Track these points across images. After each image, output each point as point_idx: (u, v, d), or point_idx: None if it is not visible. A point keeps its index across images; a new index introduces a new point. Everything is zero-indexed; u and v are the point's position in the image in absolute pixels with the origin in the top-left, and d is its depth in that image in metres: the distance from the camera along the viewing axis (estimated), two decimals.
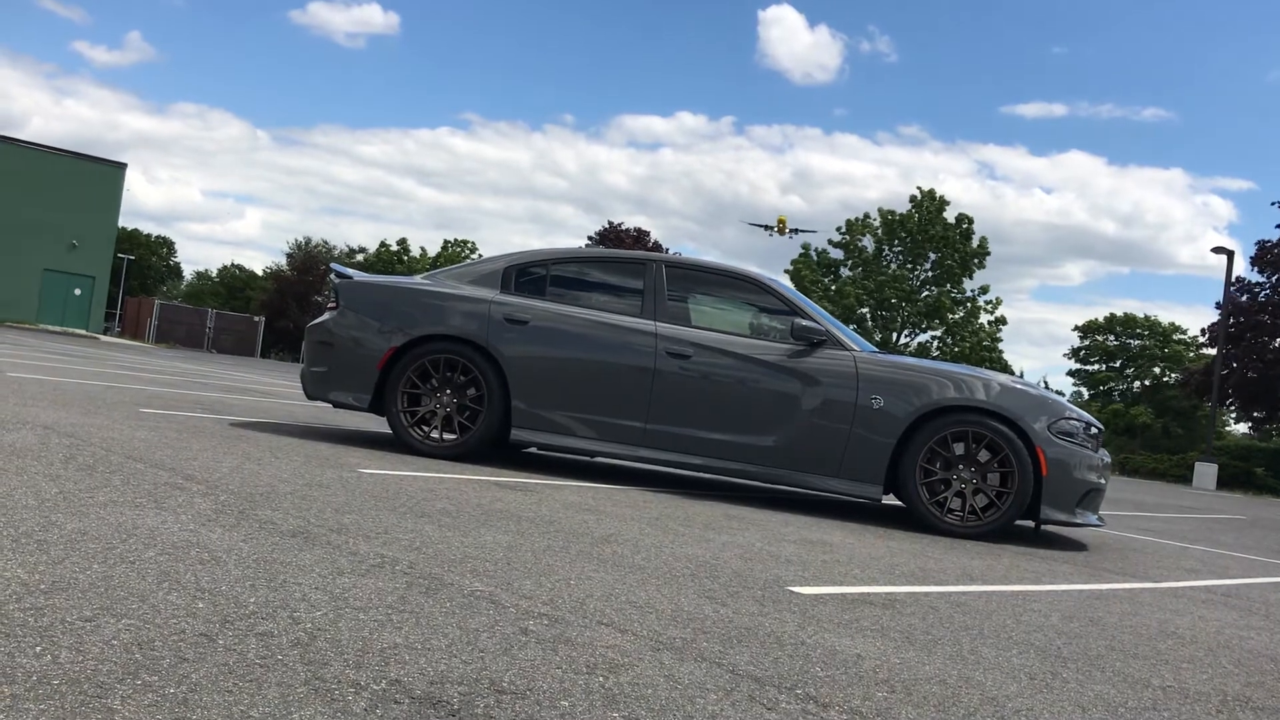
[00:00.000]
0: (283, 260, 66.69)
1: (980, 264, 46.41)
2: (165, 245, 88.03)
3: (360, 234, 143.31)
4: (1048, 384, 62.06)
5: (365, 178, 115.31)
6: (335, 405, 6.38)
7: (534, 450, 7.30)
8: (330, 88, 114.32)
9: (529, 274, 6.41)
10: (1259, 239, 38.39)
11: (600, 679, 2.06)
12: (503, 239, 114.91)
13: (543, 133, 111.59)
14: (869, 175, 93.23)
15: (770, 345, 5.98)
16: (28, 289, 40.97)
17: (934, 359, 28.54)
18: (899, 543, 4.96)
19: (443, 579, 2.75)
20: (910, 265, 47.08)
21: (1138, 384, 62.70)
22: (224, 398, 9.54)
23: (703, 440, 5.89)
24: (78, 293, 42.66)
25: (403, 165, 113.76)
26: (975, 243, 46.28)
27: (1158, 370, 61.54)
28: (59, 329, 37.98)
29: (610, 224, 56.50)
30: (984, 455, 5.60)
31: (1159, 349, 61.34)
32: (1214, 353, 35.68)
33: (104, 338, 38.96)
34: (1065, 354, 67.77)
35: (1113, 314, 63.79)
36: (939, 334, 46.65)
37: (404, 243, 68.21)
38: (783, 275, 47.69)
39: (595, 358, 6.06)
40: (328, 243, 67.32)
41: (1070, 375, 65.20)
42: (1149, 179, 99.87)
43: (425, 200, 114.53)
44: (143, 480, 3.73)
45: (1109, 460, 6.05)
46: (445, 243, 68.68)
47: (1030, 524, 6.18)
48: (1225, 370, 35.41)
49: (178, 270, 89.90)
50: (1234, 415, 46.27)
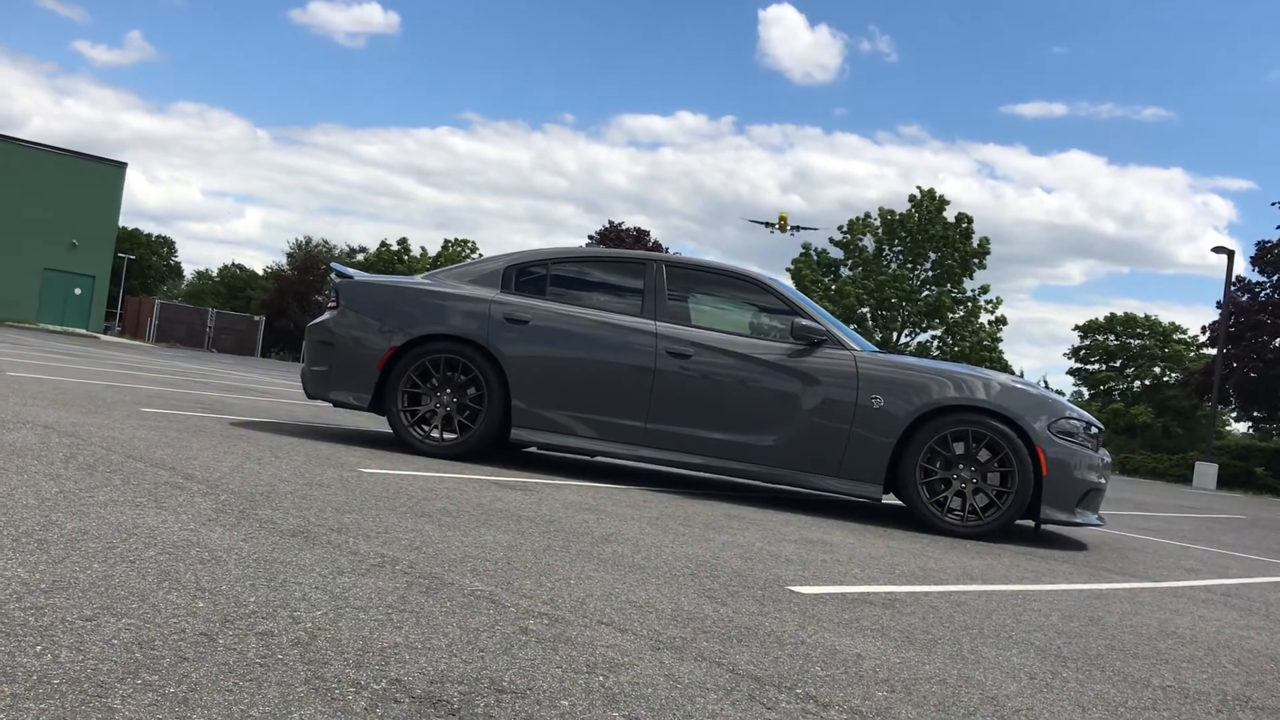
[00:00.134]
0: (283, 260, 66.77)
1: (980, 264, 46.40)
2: (165, 245, 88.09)
3: (360, 233, 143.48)
4: (1048, 383, 62.09)
5: (365, 177, 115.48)
6: (335, 405, 6.38)
7: (534, 450, 7.30)
8: (330, 87, 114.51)
9: (529, 274, 6.41)
10: (1259, 239, 38.49)
11: (600, 678, 2.06)
12: (503, 239, 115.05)
13: (543, 132, 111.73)
14: (869, 175, 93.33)
15: (770, 345, 5.98)
16: (28, 288, 41.00)
17: (934, 359, 28.56)
18: (899, 542, 4.96)
19: (443, 578, 2.75)
20: (910, 265, 47.07)
21: (1138, 384, 62.72)
22: (224, 397, 9.54)
23: (703, 440, 5.89)
24: (78, 292, 42.68)
25: (403, 165, 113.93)
26: (975, 242, 46.27)
27: (1158, 370, 61.56)
28: (59, 328, 37.99)
29: (610, 224, 56.55)
30: (984, 455, 5.60)
31: (1159, 349, 61.35)
32: (1214, 352, 35.69)
33: (104, 337, 38.96)
34: (1065, 353, 67.87)
35: (1113, 314, 63.87)
36: (939, 334, 46.65)
37: (404, 242, 68.27)
38: (783, 275, 47.71)
39: (596, 357, 6.06)
40: (328, 242, 67.37)
41: (1070, 375, 65.31)
42: (1149, 179, 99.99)
43: (425, 200, 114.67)
44: (143, 480, 3.73)
45: (1109, 460, 6.05)
46: (445, 242, 68.70)
47: (1030, 523, 6.18)
48: (1225, 370, 35.41)
49: (178, 270, 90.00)
50: (1234, 415, 46.28)
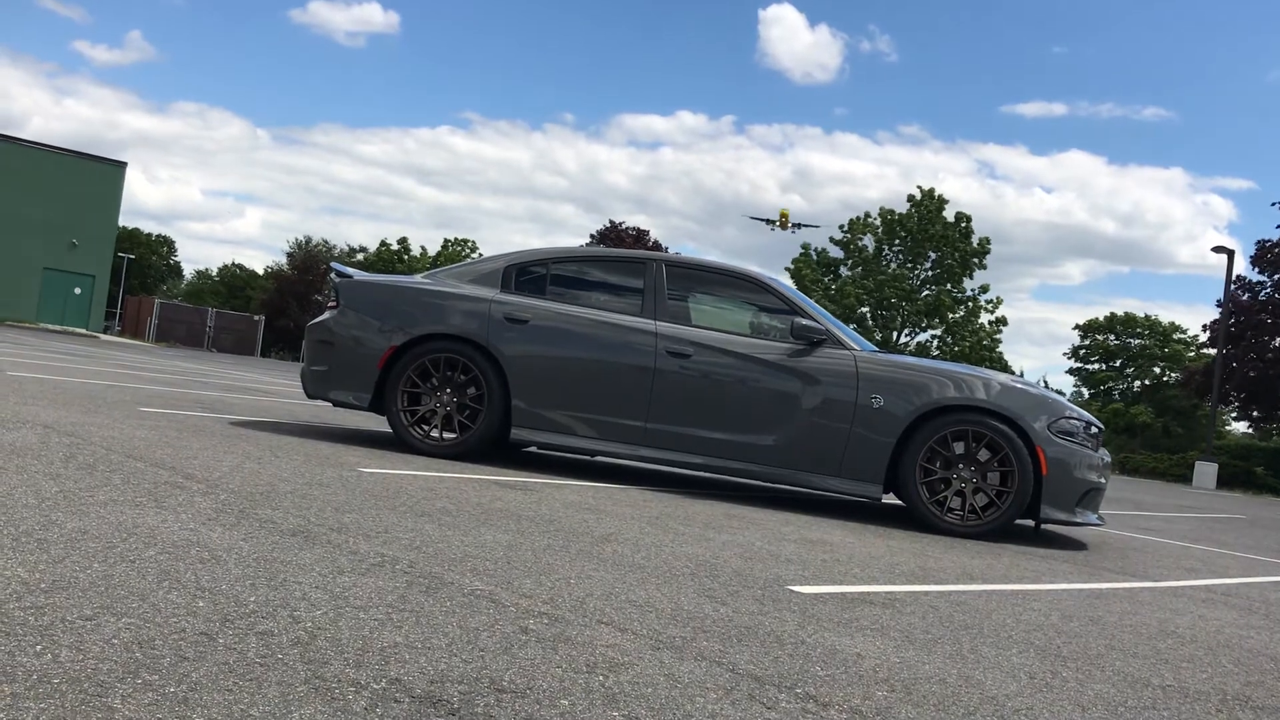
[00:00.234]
0: (283, 259, 66.80)
1: (980, 263, 46.38)
2: (165, 244, 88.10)
3: (360, 233, 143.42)
4: (1048, 383, 62.10)
5: (365, 177, 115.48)
6: (335, 404, 6.38)
7: (534, 449, 7.30)
8: (330, 87, 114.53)
9: (529, 273, 6.41)
10: (1259, 238, 38.44)
11: (600, 678, 2.06)
12: (503, 238, 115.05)
13: (543, 132, 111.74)
14: (869, 175, 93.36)
15: (770, 344, 5.98)
16: (28, 288, 40.99)
17: (934, 358, 28.55)
18: (899, 542, 4.96)
19: (443, 578, 2.75)
20: (910, 265, 47.05)
21: (1138, 383, 62.71)
22: (224, 397, 9.54)
23: (703, 439, 5.89)
24: (78, 292, 42.67)
25: (403, 164, 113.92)
26: (975, 242, 46.24)
27: (1158, 370, 61.56)
28: (59, 328, 37.98)
29: (610, 223, 56.57)
30: (984, 454, 5.60)
31: (1159, 348, 61.34)
32: (1214, 352, 35.69)
33: (104, 337, 38.96)
34: (1065, 353, 67.83)
35: (1113, 313, 63.84)
36: (939, 333, 46.63)
37: (404, 242, 68.22)
38: (783, 274, 47.69)
39: (596, 357, 6.06)
40: (328, 242, 67.47)
41: (1070, 374, 65.30)
42: (1149, 178, 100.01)
43: (425, 199, 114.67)
44: (143, 479, 3.73)
45: (1109, 459, 6.05)
46: (445, 242, 68.63)
47: (1030, 523, 6.18)
48: (1225, 370, 35.41)
49: (178, 269, 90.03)
50: (1234, 414, 46.28)
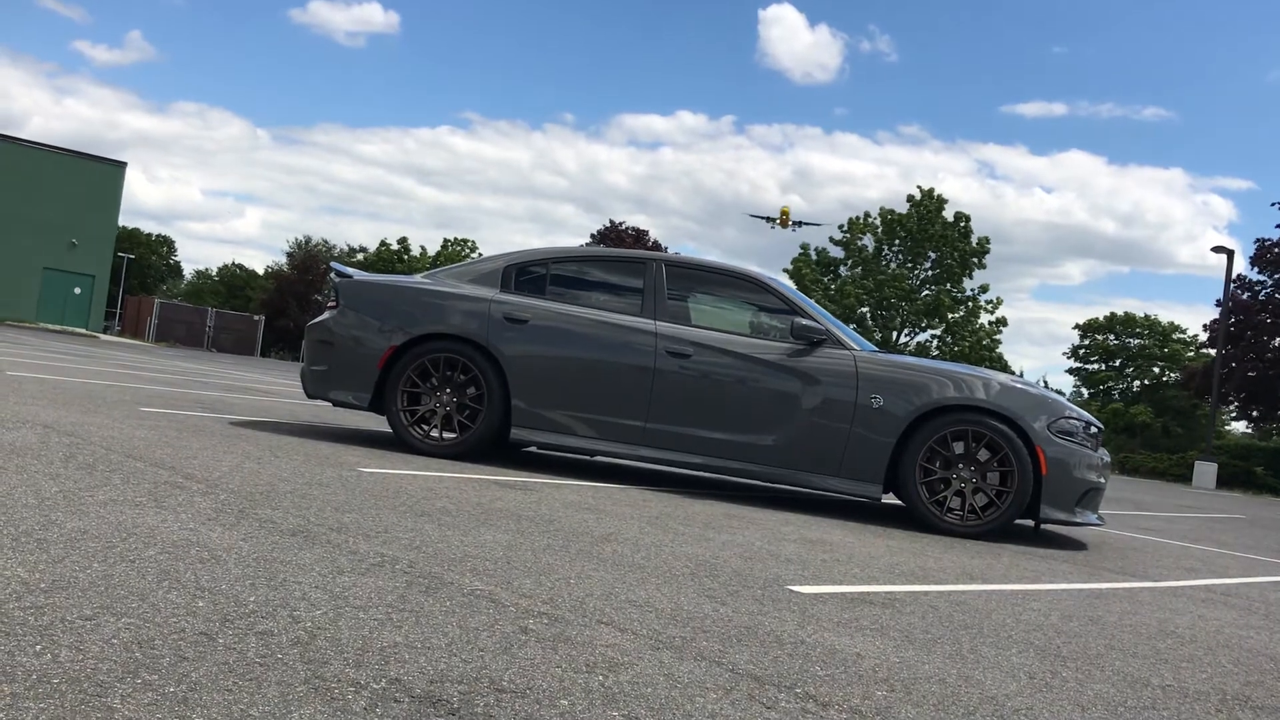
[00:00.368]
0: (283, 259, 66.81)
1: (980, 263, 46.37)
2: (165, 244, 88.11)
3: (360, 233, 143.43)
4: (1047, 383, 62.10)
5: (365, 177, 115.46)
6: (335, 404, 6.38)
7: (534, 449, 7.30)
8: (330, 87, 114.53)
9: (529, 273, 6.41)
10: (1259, 237, 38.42)
11: (600, 678, 2.06)
12: (503, 238, 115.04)
13: (543, 132, 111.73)
14: (869, 174, 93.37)
15: (770, 344, 5.98)
16: (28, 288, 40.98)
17: (934, 358, 28.54)
18: (899, 542, 4.96)
19: (442, 578, 2.75)
20: (910, 264, 47.04)
21: (1137, 383, 62.71)
22: (224, 396, 9.54)
23: (703, 439, 5.89)
24: (77, 291, 42.66)
25: (403, 164, 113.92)
26: (974, 241, 46.23)
27: (1157, 369, 61.56)
28: (59, 328, 37.97)
29: (610, 223, 56.59)
30: (984, 454, 5.60)
31: (1159, 348, 61.34)
32: (1214, 352, 35.69)
33: (104, 336, 38.95)
34: (1065, 353, 67.83)
35: (1113, 313, 63.83)
36: (939, 333, 46.63)
37: (404, 242, 68.18)
38: (783, 274, 47.66)
39: (595, 357, 6.06)
40: (328, 242, 67.52)
41: (1070, 374, 65.30)
42: (1149, 179, 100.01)
43: (425, 199, 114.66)
44: (143, 479, 3.73)
45: (1109, 459, 6.05)
46: (445, 242, 68.59)
47: (1030, 523, 6.18)
48: (1225, 369, 35.41)
49: (178, 269, 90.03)
50: (1233, 414, 46.27)
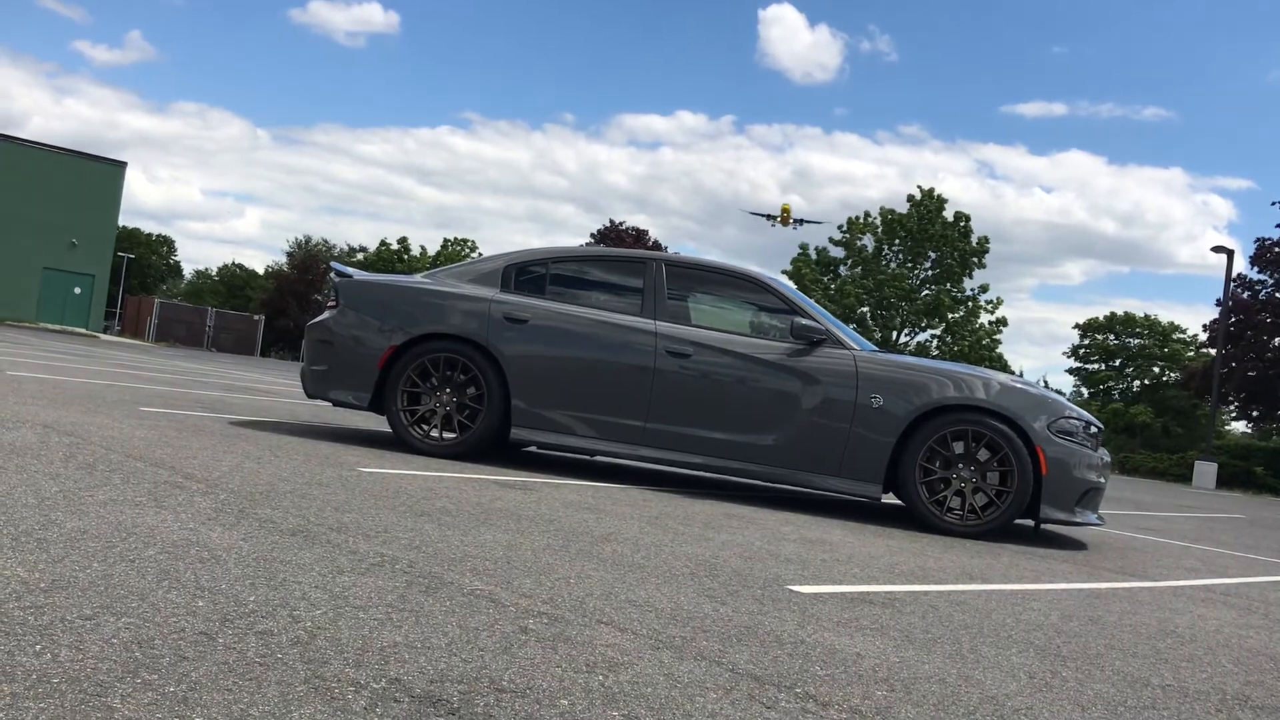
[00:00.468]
0: (283, 259, 66.80)
1: (980, 262, 46.36)
2: (165, 244, 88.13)
3: (360, 233, 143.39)
4: (1047, 383, 62.09)
5: (365, 177, 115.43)
6: (335, 404, 6.38)
7: (534, 449, 7.30)
8: (330, 87, 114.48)
9: (529, 273, 6.41)
10: (1259, 236, 38.40)
11: (600, 677, 2.06)
12: (503, 238, 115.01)
13: (543, 132, 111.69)
14: (869, 174, 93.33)
15: (770, 344, 5.98)
16: (27, 287, 40.97)
17: (934, 358, 28.54)
18: (899, 542, 4.96)
19: (442, 578, 2.75)
20: (910, 264, 47.04)
21: (1137, 383, 62.71)
22: (224, 396, 9.53)
23: (703, 439, 5.89)
24: (77, 291, 42.65)
25: (403, 164, 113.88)
26: (974, 241, 46.22)
27: (1157, 369, 61.55)
28: (59, 327, 37.96)
29: (610, 223, 56.58)
30: (983, 454, 5.60)
31: (1159, 348, 61.34)
32: (1214, 351, 35.69)
33: (104, 336, 38.94)
34: (1065, 353, 67.85)
35: (1113, 313, 63.83)
36: (938, 333, 46.62)
37: (404, 241, 68.20)
38: (782, 274, 47.64)
39: (595, 357, 6.06)
40: (328, 241, 67.52)
41: (1070, 374, 65.30)
42: (1149, 178, 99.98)
43: (425, 199, 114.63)
44: (142, 479, 3.73)
45: (1108, 459, 6.05)
46: (445, 242, 68.62)
47: (1030, 523, 6.18)
48: (1225, 369, 35.40)
49: (177, 269, 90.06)
50: (1233, 414, 46.27)
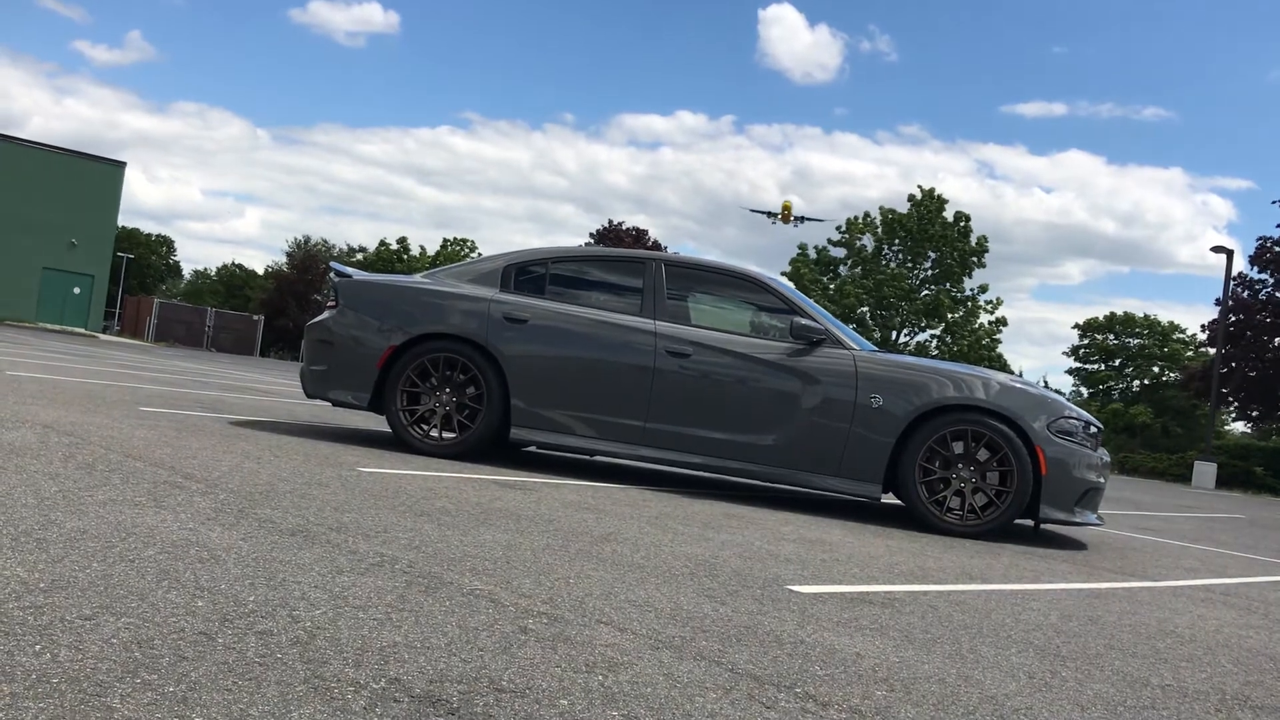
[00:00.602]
0: (282, 259, 66.81)
1: (980, 262, 46.36)
2: (165, 244, 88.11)
3: (360, 233, 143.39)
4: (1047, 383, 62.11)
5: (365, 177, 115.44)
6: (335, 404, 6.38)
7: (533, 449, 7.30)
8: (330, 87, 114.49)
9: (528, 273, 6.41)
10: (1260, 235, 38.38)
11: (599, 677, 2.06)
12: (503, 238, 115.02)
13: (543, 132, 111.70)
14: (869, 174, 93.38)
15: (770, 344, 5.98)
16: (27, 287, 40.96)
17: (933, 358, 28.53)
18: (898, 542, 4.96)
19: (442, 578, 2.75)
20: (910, 264, 47.03)
21: (1137, 383, 62.71)
22: (223, 396, 9.53)
23: (702, 439, 5.89)
24: (77, 291, 42.64)
25: (403, 164, 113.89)
26: (973, 241, 46.21)
27: (1157, 369, 61.55)
28: (58, 327, 37.96)
29: (610, 223, 56.58)
30: (983, 454, 5.60)
31: (1158, 348, 61.34)
32: (1213, 351, 35.69)
33: (103, 336, 38.94)
34: (1065, 353, 67.86)
35: (1112, 313, 63.81)
36: (938, 333, 46.62)
37: (404, 241, 68.15)
38: (782, 274, 47.62)
39: (595, 356, 6.06)
40: (327, 241, 67.52)
41: (1070, 374, 65.29)
42: (1149, 178, 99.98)
43: (425, 199, 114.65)
44: (142, 479, 3.73)
45: (1108, 459, 6.05)
46: (445, 241, 68.57)
47: (1029, 523, 6.18)
48: (1225, 369, 35.41)
49: (177, 269, 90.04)
50: (1233, 414, 46.28)
